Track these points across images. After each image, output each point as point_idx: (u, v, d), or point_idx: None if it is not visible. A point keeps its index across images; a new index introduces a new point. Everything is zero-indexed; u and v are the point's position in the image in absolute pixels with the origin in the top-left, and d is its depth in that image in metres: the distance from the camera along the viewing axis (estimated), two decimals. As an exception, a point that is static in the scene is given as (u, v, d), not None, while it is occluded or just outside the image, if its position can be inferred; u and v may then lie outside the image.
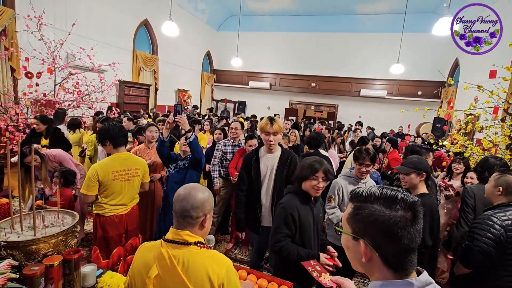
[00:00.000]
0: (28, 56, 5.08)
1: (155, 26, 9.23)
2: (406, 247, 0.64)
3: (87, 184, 2.09)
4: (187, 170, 2.66)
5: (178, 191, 1.11)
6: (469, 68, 8.52)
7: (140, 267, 1.06)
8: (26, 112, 5.11)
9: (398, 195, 0.66)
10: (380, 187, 0.69)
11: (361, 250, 0.67)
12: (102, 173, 2.10)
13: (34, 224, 1.37)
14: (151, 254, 1.05)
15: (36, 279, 1.21)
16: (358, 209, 0.69)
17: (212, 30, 13.12)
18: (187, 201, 1.06)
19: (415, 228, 0.64)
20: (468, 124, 4.07)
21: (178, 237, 1.04)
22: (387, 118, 11.25)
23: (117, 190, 2.18)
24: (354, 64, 11.76)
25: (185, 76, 11.56)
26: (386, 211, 0.65)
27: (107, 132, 2.20)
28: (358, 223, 0.68)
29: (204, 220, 1.09)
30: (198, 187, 1.12)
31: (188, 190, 1.09)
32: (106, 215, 2.18)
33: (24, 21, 5.15)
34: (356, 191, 0.72)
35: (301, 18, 12.15)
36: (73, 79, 5.67)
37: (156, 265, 1.02)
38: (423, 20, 10.15)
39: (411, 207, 0.65)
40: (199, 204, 1.06)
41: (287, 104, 13.06)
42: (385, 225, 0.64)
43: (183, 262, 1.00)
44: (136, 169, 2.29)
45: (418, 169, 1.92)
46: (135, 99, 8.74)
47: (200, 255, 1.03)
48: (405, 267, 0.65)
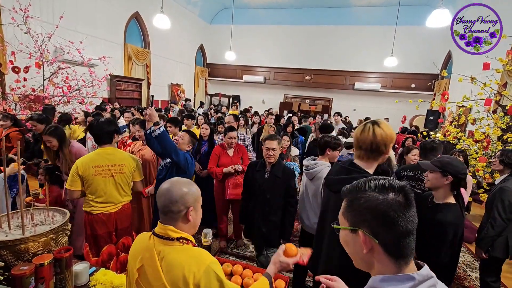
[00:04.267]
0: (14, 50, 4.92)
1: (146, 19, 9.03)
2: (404, 229, 0.64)
3: (70, 179, 2.07)
4: (168, 170, 2.44)
5: (160, 186, 1.10)
6: (462, 61, 8.58)
7: (132, 256, 1.09)
8: (14, 108, 4.98)
9: (386, 182, 0.68)
10: (368, 178, 0.71)
11: (360, 242, 0.67)
12: (82, 167, 2.06)
13: (23, 222, 1.33)
14: (141, 245, 1.08)
15: (26, 279, 1.18)
16: (352, 201, 0.71)
17: (205, 23, 12.92)
18: (165, 196, 1.05)
19: (409, 211, 0.66)
20: (460, 116, 4.11)
21: (163, 231, 1.04)
22: (382, 111, 11.31)
23: (100, 186, 2.12)
24: (349, 57, 11.74)
25: (178, 70, 11.40)
26: (379, 195, 0.66)
27: (91, 127, 2.22)
28: (353, 213, 0.69)
29: (187, 213, 1.06)
30: (180, 181, 1.10)
31: (168, 185, 1.08)
32: (94, 213, 2.13)
33: (9, 13, 4.97)
34: (347, 187, 0.74)
35: (295, 10, 12.03)
36: (63, 73, 5.53)
37: (142, 257, 1.03)
38: (417, 13, 10.16)
39: (401, 190, 0.67)
40: (178, 198, 1.04)
41: (281, 98, 13.02)
42: (380, 209, 0.65)
43: (163, 258, 1.00)
44: (121, 165, 2.19)
45: (444, 170, 1.66)
46: (128, 94, 8.58)
47: (181, 252, 1.01)
48: (405, 253, 0.65)
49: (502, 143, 3.74)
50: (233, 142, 3.19)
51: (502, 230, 2.20)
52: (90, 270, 1.53)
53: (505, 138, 3.53)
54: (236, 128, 3.75)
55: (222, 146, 3.25)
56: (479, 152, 3.84)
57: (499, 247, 2.25)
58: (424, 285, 0.63)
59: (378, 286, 0.65)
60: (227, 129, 3.21)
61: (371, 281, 0.68)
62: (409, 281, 0.62)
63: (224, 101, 13.36)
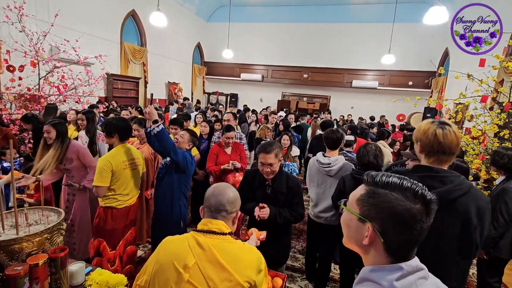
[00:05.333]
0: (9, 48, 4.87)
1: (143, 17, 8.97)
2: (414, 239, 0.64)
3: (100, 175, 2.08)
4: (167, 169, 2.38)
5: (211, 188, 1.18)
6: (459, 58, 8.59)
7: (171, 259, 1.02)
8: (9, 108, 4.93)
9: (419, 189, 0.65)
10: (400, 177, 0.67)
11: (364, 232, 0.66)
12: (115, 163, 2.15)
13: (16, 222, 1.31)
14: (183, 245, 1.04)
15: (20, 279, 1.17)
16: (373, 193, 0.67)
17: (202, 21, 12.85)
18: (222, 196, 1.12)
19: (426, 224, 0.65)
20: (458, 113, 4.11)
21: (214, 226, 1.07)
22: (379, 108, 11.32)
23: (127, 180, 2.25)
24: (346, 55, 11.73)
25: (176, 69, 11.34)
26: (407, 201, 0.63)
27: (116, 125, 2.26)
28: (370, 206, 0.66)
29: (236, 217, 1.16)
30: (230, 185, 1.20)
31: (222, 187, 1.16)
32: (120, 207, 2.22)
33: (3, 12, 4.91)
34: (373, 174, 0.69)
35: (293, 8, 12.00)
36: (58, 72, 5.48)
37: (192, 255, 1.01)
38: (414, 10, 10.16)
39: (429, 203, 0.64)
40: (234, 200, 1.14)
41: (279, 96, 13.00)
42: (402, 215, 0.63)
43: (221, 250, 1.03)
44: (138, 158, 2.39)
45: None
46: (124, 93, 8.53)
47: (236, 244, 1.08)
48: (406, 257, 0.65)
49: (499, 140, 3.75)
50: (231, 142, 3.19)
51: (504, 231, 2.20)
52: (86, 270, 1.52)
53: (502, 135, 3.54)
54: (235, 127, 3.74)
55: (220, 145, 3.23)
56: (476, 149, 3.85)
57: (504, 248, 2.25)
58: (413, 276, 0.63)
59: (369, 276, 0.66)
60: (225, 129, 3.19)
61: (362, 272, 0.69)
62: (397, 271, 0.63)
63: (222, 99, 13.33)
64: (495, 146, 3.58)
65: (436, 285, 0.67)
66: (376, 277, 0.64)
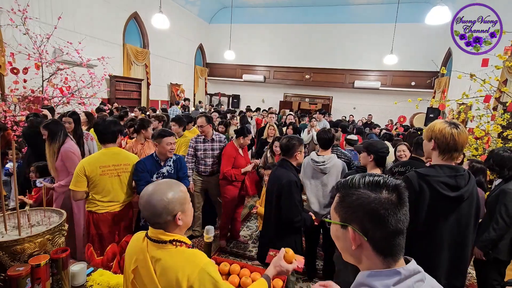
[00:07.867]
0: (13, 51, 4.92)
1: (145, 19, 9.02)
2: (393, 229, 0.64)
3: (75, 179, 2.06)
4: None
5: (140, 197, 1.04)
6: (462, 58, 8.54)
7: (128, 256, 1.08)
8: (13, 110, 4.98)
9: (381, 179, 0.67)
10: (363, 174, 0.70)
11: (350, 237, 0.67)
12: (90, 168, 2.08)
13: (19, 223, 1.32)
14: (135, 247, 1.07)
15: (22, 279, 1.18)
16: (344, 196, 0.70)
17: (204, 23, 12.90)
18: (148, 211, 1.01)
19: (401, 211, 0.65)
20: (460, 113, 4.09)
21: (154, 235, 1.02)
22: (381, 109, 11.28)
23: (107, 186, 2.15)
24: (348, 55, 11.70)
25: (178, 70, 11.38)
26: (371, 194, 0.65)
27: (96, 126, 2.22)
28: (345, 209, 0.69)
29: (175, 219, 1.02)
30: (161, 187, 1.03)
31: (147, 196, 1.01)
32: (99, 212, 2.15)
33: (8, 15, 4.97)
34: (341, 181, 0.73)
35: (294, 9, 12.00)
36: (62, 74, 5.53)
37: (136, 259, 1.03)
38: (416, 10, 10.12)
39: (395, 189, 0.66)
40: (161, 210, 0.99)
41: (281, 97, 13.00)
42: (371, 208, 0.64)
43: (157, 260, 0.99)
44: (126, 164, 2.25)
45: (368, 150, 2.10)
46: (127, 94, 8.58)
47: (175, 255, 0.99)
48: (393, 252, 0.65)
49: (503, 140, 3.72)
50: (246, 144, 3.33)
51: (504, 233, 2.19)
52: (88, 270, 1.53)
53: (505, 135, 3.51)
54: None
55: (234, 147, 3.24)
56: (479, 150, 3.82)
57: (504, 249, 2.24)
58: (410, 280, 0.63)
59: (365, 281, 0.65)
60: (240, 133, 3.24)
61: (359, 277, 0.68)
62: (395, 276, 0.63)
63: (224, 100, 13.35)
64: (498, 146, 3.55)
65: (432, 286, 0.66)
66: (372, 282, 0.64)
